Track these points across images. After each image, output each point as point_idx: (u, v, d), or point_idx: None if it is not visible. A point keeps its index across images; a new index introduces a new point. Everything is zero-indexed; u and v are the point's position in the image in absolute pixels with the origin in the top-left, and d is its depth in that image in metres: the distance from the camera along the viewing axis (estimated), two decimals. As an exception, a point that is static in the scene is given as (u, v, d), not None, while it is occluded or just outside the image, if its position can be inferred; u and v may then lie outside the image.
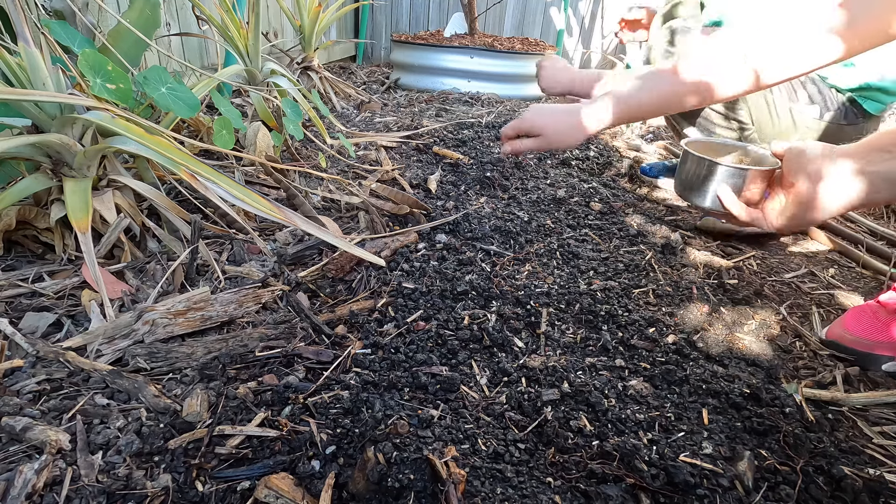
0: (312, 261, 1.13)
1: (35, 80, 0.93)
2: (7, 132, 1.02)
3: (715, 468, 0.66)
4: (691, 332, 0.98)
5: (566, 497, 0.62)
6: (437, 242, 1.21)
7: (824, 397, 0.83)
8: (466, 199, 1.50)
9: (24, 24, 0.88)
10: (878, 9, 0.72)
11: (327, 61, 3.72)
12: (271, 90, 1.83)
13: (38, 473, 0.58)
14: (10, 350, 0.79)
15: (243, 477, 0.61)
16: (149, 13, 1.35)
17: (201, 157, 1.44)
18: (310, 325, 0.89)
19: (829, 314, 1.10)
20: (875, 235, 1.53)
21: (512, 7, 4.25)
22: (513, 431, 0.71)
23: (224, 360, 0.81)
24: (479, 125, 2.27)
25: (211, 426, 0.67)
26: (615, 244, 1.32)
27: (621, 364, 0.87)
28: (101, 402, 0.71)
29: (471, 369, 0.82)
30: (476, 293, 1.01)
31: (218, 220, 1.21)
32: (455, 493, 0.56)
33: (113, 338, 0.83)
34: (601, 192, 1.66)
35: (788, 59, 0.82)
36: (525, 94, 3.26)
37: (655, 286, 1.12)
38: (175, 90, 1.07)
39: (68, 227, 1.03)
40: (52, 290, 0.94)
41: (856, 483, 0.66)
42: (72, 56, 1.12)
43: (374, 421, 0.67)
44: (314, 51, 2.61)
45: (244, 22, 1.81)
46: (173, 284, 0.99)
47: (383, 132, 2.12)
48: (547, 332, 0.93)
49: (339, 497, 0.59)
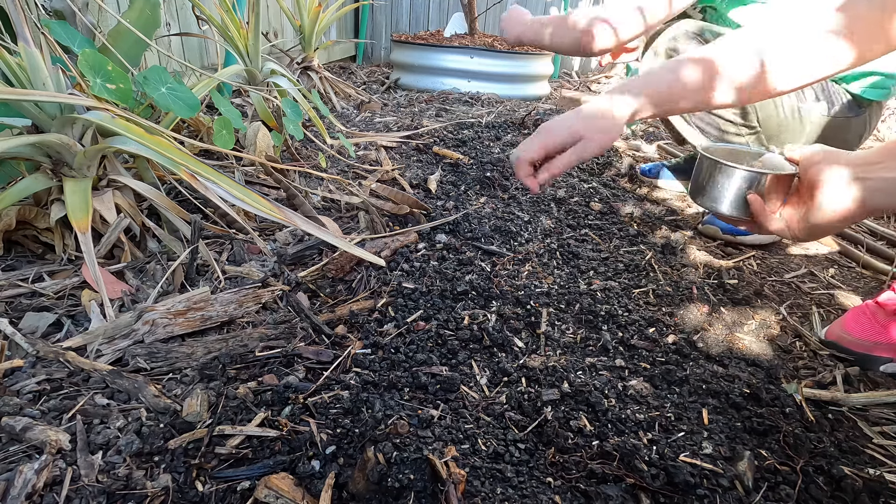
0: (312, 261, 1.13)
1: (35, 80, 0.93)
2: (7, 132, 1.02)
3: (715, 468, 0.66)
4: (691, 332, 0.98)
5: (566, 497, 0.62)
6: (437, 242, 1.21)
7: (824, 397, 0.83)
8: (466, 199, 1.50)
9: (24, 24, 0.88)
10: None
11: (327, 61, 3.72)
12: (271, 90, 1.83)
13: (38, 473, 0.58)
14: (10, 350, 0.79)
15: (243, 477, 0.61)
16: (149, 13, 1.35)
17: (201, 157, 1.44)
18: (310, 325, 0.89)
19: (829, 314, 1.10)
20: (875, 235, 1.53)
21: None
22: (513, 431, 0.71)
23: (224, 360, 0.81)
24: (479, 125, 2.28)
25: (211, 426, 0.67)
26: (615, 244, 1.32)
27: (621, 364, 0.87)
28: (101, 402, 0.71)
29: (471, 369, 0.82)
30: (476, 293, 1.01)
31: (218, 220, 1.21)
32: (455, 493, 0.56)
33: (113, 338, 0.83)
34: (601, 192, 1.66)
35: (808, 63, 0.79)
36: (525, 94, 3.26)
37: (655, 286, 1.12)
38: (175, 90, 1.07)
39: (68, 227, 1.03)
40: (52, 290, 0.94)
41: (856, 483, 0.66)
42: (72, 56, 1.12)
43: (374, 421, 0.67)
44: (314, 51, 2.61)
45: (244, 22, 1.81)
46: (173, 284, 0.99)
47: (383, 132, 2.12)
48: (547, 332, 0.93)
49: (339, 497, 0.59)
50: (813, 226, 0.76)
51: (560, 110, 2.89)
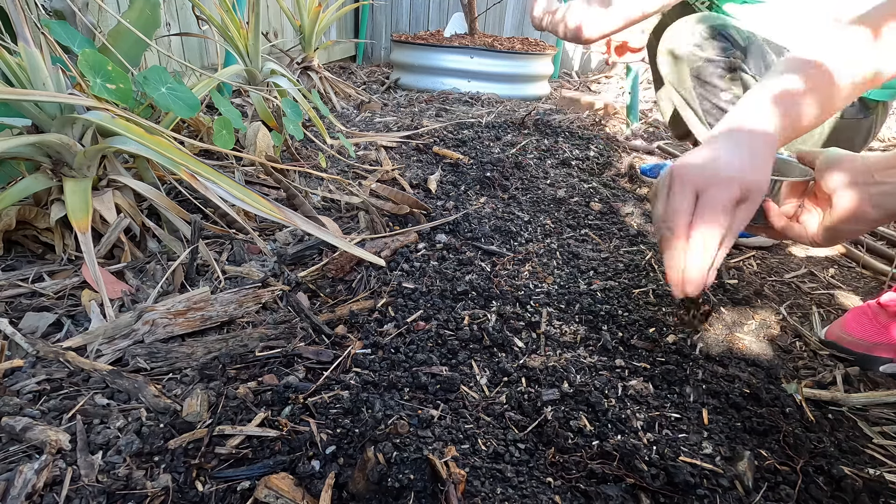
0: (312, 261, 1.13)
1: (35, 80, 0.93)
2: (7, 132, 1.02)
3: (715, 468, 0.66)
4: (691, 332, 0.98)
5: (566, 497, 0.62)
6: (437, 242, 1.21)
7: (824, 397, 0.83)
8: (466, 199, 1.50)
9: (24, 24, 0.88)
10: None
11: (327, 61, 3.72)
12: (271, 90, 1.83)
13: (38, 473, 0.58)
14: (10, 350, 0.79)
15: (243, 477, 0.61)
16: (149, 13, 1.35)
17: (201, 157, 1.44)
18: (310, 325, 0.89)
19: (829, 314, 1.10)
20: (875, 235, 1.53)
21: (512, 7, 4.25)
22: (513, 431, 0.71)
23: (224, 360, 0.81)
24: (479, 125, 2.28)
25: (211, 426, 0.67)
26: (615, 244, 1.32)
27: (621, 364, 0.87)
28: (101, 402, 0.71)
29: (471, 369, 0.82)
30: (476, 293, 1.01)
31: (218, 220, 1.21)
32: (455, 493, 0.56)
33: (113, 338, 0.83)
34: (601, 192, 1.66)
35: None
36: (525, 94, 3.26)
37: (655, 286, 1.12)
38: (175, 90, 1.07)
39: (68, 227, 1.03)
40: (52, 290, 0.94)
41: (856, 483, 0.66)
42: (72, 56, 1.12)
43: (374, 421, 0.67)
44: (314, 51, 2.62)
45: (244, 22, 1.81)
46: (173, 284, 0.99)
47: (383, 132, 2.12)
48: (547, 332, 0.93)
49: (339, 497, 0.59)
50: (833, 231, 0.74)
51: (560, 110, 2.89)
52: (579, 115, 2.76)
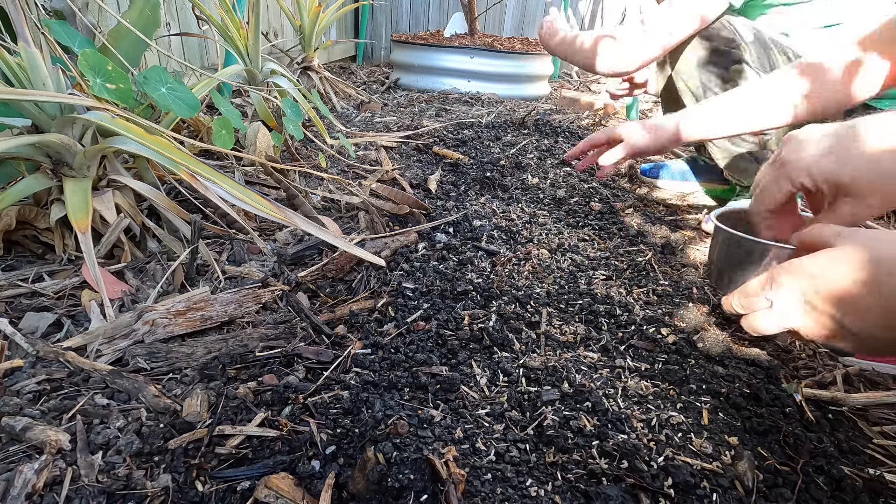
0: (312, 261, 1.13)
1: (35, 80, 0.93)
2: (7, 132, 1.02)
3: (715, 468, 0.66)
4: (691, 332, 0.98)
5: (566, 497, 0.62)
6: (437, 242, 1.21)
7: (824, 397, 0.83)
8: (466, 198, 1.50)
9: (24, 24, 0.88)
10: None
11: (327, 61, 3.72)
12: (271, 90, 1.84)
13: (38, 473, 0.58)
14: (10, 350, 0.79)
15: (243, 477, 0.61)
16: (149, 13, 1.35)
17: (201, 157, 1.44)
18: (310, 325, 0.89)
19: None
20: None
21: (512, 7, 4.25)
22: (513, 431, 0.71)
23: (224, 360, 0.81)
24: (479, 125, 2.28)
25: (211, 426, 0.67)
26: (615, 244, 1.32)
27: (621, 364, 0.87)
28: (101, 402, 0.71)
29: (471, 369, 0.82)
30: (476, 293, 1.01)
31: (218, 220, 1.21)
32: (455, 493, 0.56)
33: (113, 338, 0.83)
34: (601, 192, 1.66)
35: None
36: (525, 94, 3.26)
37: (655, 286, 1.12)
38: (175, 90, 1.07)
39: (68, 227, 1.03)
40: (52, 290, 0.94)
41: (856, 483, 0.66)
42: (72, 56, 1.12)
43: (374, 421, 0.67)
44: (314, 51, 2.62)
45: (244, 22, 1.81)
46: (173, 284, 0.99)
47: (383, 132, 2.12)
48: (547, 331, 0.93)
49: (339, 497, 0.59)
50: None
51: (560, 110, 2.89)
52: (579, 115, 2.76)
